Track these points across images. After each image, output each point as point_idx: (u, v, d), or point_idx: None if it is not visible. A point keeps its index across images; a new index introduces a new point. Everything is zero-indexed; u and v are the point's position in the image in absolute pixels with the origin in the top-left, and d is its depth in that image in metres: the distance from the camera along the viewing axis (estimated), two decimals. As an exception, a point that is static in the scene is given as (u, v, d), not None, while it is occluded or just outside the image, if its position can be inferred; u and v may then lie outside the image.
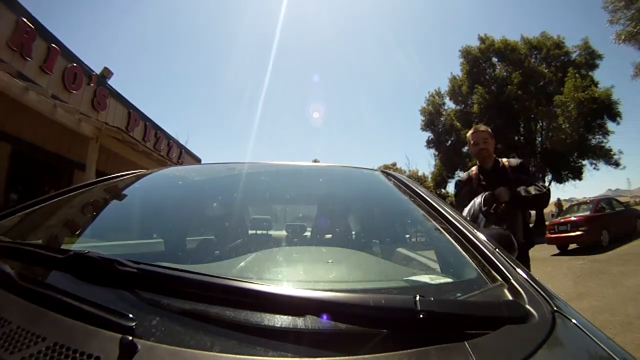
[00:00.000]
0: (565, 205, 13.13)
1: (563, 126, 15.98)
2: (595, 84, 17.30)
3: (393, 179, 1.23)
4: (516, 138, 19.04)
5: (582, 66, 18.35)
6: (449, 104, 22.28)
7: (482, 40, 20.42)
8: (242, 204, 1.44)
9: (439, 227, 0.83)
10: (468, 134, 2.48)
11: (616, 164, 17.05)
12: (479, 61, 20.04)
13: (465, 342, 0.43)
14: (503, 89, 18.59)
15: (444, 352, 0.43)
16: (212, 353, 0.41)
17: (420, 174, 25.44)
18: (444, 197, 22.72)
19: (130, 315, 0.45)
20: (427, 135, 22.76)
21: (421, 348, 0.42)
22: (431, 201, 0.95)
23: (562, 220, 9.64)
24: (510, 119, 18.34)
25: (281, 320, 0.46)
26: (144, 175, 1.37)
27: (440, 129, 22.13)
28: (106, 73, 7.99)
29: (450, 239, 0.77)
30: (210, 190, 1.39)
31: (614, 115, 16.79)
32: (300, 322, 0.46)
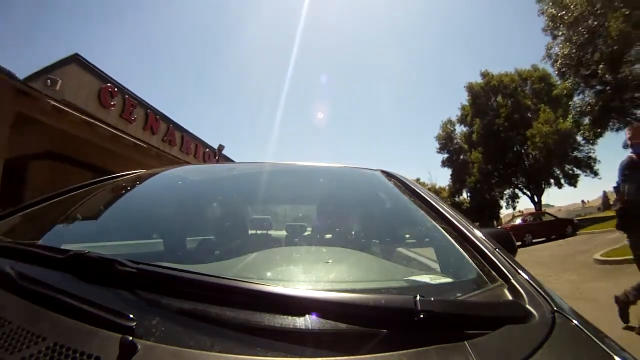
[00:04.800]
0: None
1: (533, 153, 20.82)
2: (567, 115, 19.48)
3: (393, 179, 1.23)
4: (506, 160, 24.34)
5: (562, 97, 20.46)
6: (458, 129, 28.65)
7: (483, 75, 25.78)
8: (242, 204, 1.44)
9: (439, 227, 0.83)
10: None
11: (595, 173, 20.35)
12: (480, 94, 25.29)
13: (465, 342, 0.43)
14: (495, 120, 23.92)
15: (444, 352, 0.43)
16: (212, 353, 0.41)
17: (437, 187, 30.79)
18: (459, 204, 27.98)
19: (130, 315, 0.45)
20: (442, 156, 29.00)
21: (421, 348, 0.42)
22: (431, 201, 0.95)
23: (499, 227, 13.13)
24: (500, 145, 23.82)
25: (281, 320, 0.46)
26: (144, 175, 1.37)
27: (452, 150, 28.22)
28: (221, 147, 11.89)
29: (450, 238, 0.77)
30: (210, 190, 1.39)
31: (592, 137, 18.85)
32: (300, 322, 0.45)
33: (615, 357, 0.45)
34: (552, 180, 23.24)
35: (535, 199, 24.26)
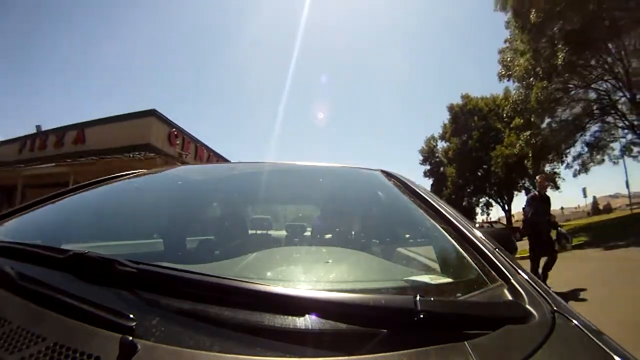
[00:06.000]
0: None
1: (496, 171, 25.29)
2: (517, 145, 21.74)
3: (393, 179, 1.23)
4: (478, 175, 28.75)
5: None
6: (440, 144, 32.90)
7: (463, 98, 29.54)
8: (242, 204, 1.44)
9: (439, 227, 0.83)
10: (539, 178, 5.41)
11: (557, 187, 22.93)
12: (460, 115, 29.09)
13: (465, 342, 0.43)
14: (468, 141, 28.12)
15: (444, 352, 0.43)
16: (212, 353, 0.41)
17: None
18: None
19: (130, 315, 0.44)
20: (424, 168, 33.51)
21: (421, 348, 0.42)
22: (431, 201, 0.95)
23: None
24: (473, 162, 28.00)
25: (281, 320, 0.45)
26: (144, 175, 1.37)
27: (434, 163, 32.95)
28: (241, 164, 14.60)
29: (450, 239, 0.77)
30: (210, 190, 1.39)
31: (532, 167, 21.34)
32: (300, 322, 0.45)
33: (615, 357, 0.45)
34: (523, 191, 26.88)
35: (506, 207, 28.91)
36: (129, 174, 1.35)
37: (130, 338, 0.40)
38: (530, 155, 17.05)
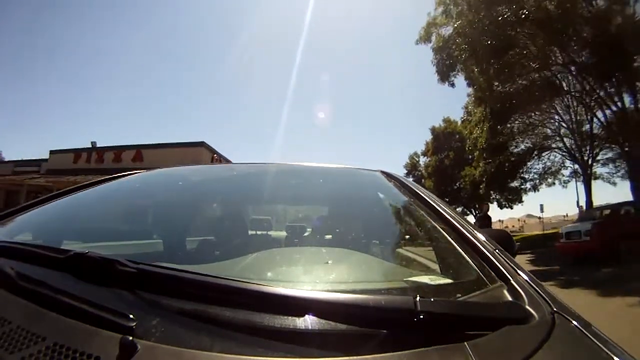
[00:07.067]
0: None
1: (465, 188, 28.35)
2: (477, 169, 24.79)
3: (393, 180, 1.23)
4: (455, 187, 31.88)
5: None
6: (422, 160, 36.86)
7: (445, 121, 33.23)
8: (242, 205, 1.44)
9: (439, 228, 0.83)
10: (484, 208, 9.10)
11: (521, 201, 25.33)
12: (440, 136, 33.08)
13: (465, 343, 0.43)
14: (445, 159, 32.46)
15: (443, 353, 0.43)
16: (212, 353, 0.41)
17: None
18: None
19: (130, 316, 0.45)
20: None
21: (421, 349, 0.42)
22: (431, 202, 0.95)
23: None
24: (448, 179, 32.00)
25: (281, 321, 0.46)
26: (144, 175, 1.37)
27: (416, 176, 36.38)
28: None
29: (450, 239, 0.77)
30: (210, 190, 1.39)
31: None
32: (300, 323, 0.45)
33: (615, 358, 0.45)
34: (495, 202, 29.43)
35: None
36: (129, 174, 1.35)
37: (130, 338, 0.40)
38: (484, 179, 20.73)
